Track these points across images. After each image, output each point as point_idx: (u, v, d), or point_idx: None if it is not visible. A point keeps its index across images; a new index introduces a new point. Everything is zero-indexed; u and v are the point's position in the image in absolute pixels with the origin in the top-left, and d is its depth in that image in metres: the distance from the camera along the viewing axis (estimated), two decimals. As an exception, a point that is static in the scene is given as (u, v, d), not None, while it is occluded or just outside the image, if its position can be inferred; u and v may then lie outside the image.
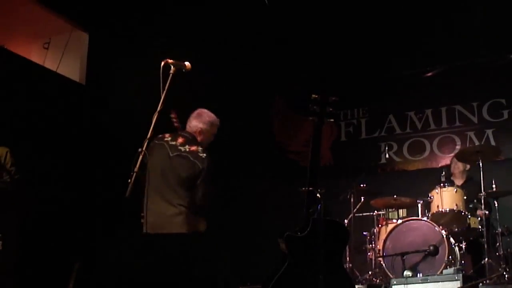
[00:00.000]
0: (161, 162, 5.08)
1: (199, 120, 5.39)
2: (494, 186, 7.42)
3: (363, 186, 8.41)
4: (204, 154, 5.17)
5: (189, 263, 4.03)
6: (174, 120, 5.61)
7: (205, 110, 5.49)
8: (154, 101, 4.95)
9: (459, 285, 6.01)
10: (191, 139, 5.29)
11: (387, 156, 9.74)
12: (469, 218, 7.42)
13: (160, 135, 5.29)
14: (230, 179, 8.64)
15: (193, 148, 5.21)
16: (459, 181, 8.21)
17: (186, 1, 8.71)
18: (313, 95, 5.36)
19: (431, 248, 7.05)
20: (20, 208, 6.44)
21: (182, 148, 5.18)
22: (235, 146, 9.52)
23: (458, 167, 8.25)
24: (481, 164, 7.24)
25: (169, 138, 5.27)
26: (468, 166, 8.22)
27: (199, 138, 5.36)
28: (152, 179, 5.08)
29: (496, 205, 7.38)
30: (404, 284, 6.35)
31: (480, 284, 6.17)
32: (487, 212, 7.34)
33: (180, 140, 5.26)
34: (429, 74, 10.04)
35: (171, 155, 5.11)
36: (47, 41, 8.59)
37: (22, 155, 6.52)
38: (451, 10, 9.08)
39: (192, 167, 5.07)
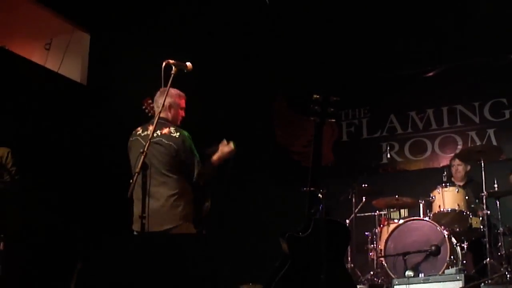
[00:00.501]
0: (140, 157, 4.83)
1: (165, 95, 5.10)
2: (495, 186, 7.43)
3: (365, 186, 8.41)
4: (178, 133, 5.07)
5: (189, 263, 4.03)
6: (148, 108, 5.52)
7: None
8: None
9: (461, 285, 6.01)
10: (161, 123, 5.10)
11: (388, 156, 9.71)
12: (471, 218, 7.42)
13: (133, 131, 5.23)
14: (231, 179, 8.63)
15: (165, 130, 5.09)
16: (459, 183, 8.19)
17: (187, 1, 8.71)
18: (314, 95, 5.36)
19: (433, 248, 7.04)
20: (21, 208, 6.44)
21: (155, 134, 4.98)
22: (236, 146, 9.51)
23: (459, 171, 8.22)
24: (482, 164, 7.24)
25: (140, 131, 5.16)
26: (468, 167, 8.20)
27: (169, 115, 5.22)
28: (139, 178, 4.84)
29: (498, 205, 7.38)
30: (406, 284, 6.34)
31: (482, 284, 6.16)
32: (488, 212, 7.34)
33: (150, 127, 5.02)
34: (430, 74, 10.03)
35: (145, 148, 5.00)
36: (48, 41, 8.60)
37: (23, 155, 6.52)
38: (452, 9, 9.08)
39: (169, 150, 4.99)
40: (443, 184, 7.64)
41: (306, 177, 5.11)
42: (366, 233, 8.27)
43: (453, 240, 7.26)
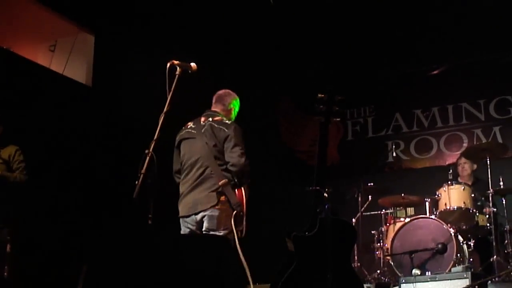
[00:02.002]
0: (191, 149, 5.30)
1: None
2: (501, 183, 7.42)
3: (371, 185, 8.41)
4: (230, 121, 5.37)
5: (198, 264, 4.03)
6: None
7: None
8: (160, 103, 4.97)
9: (467, 283, 5.99)
10: (213, 113, 5.46)
11: (394, 154, 9.70)
12: (477, 216, 7.40)
13: (183, 127, 5.52)
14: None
15: (217, 118, 5.39)
16: (466, 182, 8.17)
17: (192, 2, 8.72)
18: (320, 94, 5.36)
19: (440, 246, 7.03)
20: (28, 208, 6.46)
21: (206, 122, 5.35)
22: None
23: (465, 169, 8.20)
24: (488, 161, 7.23)
25: (191, 124, 5.46)
26: (475, 166, 8.18)
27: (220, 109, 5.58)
28: (189, 167, 5.30)
29: (504, 202, 7.37)
30: (413, 282, 6.33)
31: (489, 281, 6.15)
32: (495, 209, 7.33)
33: (202, 119, 5.42)
34: (436, 72, 10.03)
35: (197, 133, 5.31)
36: (53, 43, 8.60)
37: (29, 156, 6.53)
38: (457, 7, 9.06)
39: (218, 134, 5.25)
40: (449, 182, 7.63)
41: (312, 176, 5.11)
42: (372, 231, 8.26)
43: (460, 238, 7.25)
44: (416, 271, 6.64)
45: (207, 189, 5.20)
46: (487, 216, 7.37)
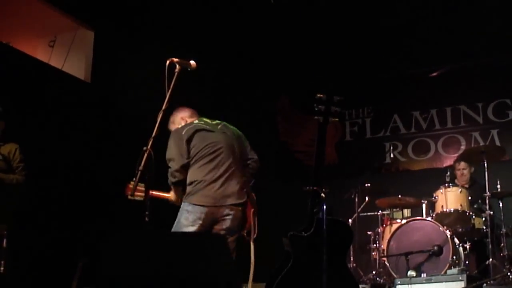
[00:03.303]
0: (211, 138, 5.26)
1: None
2: (498, 186, 7.43)
3: (368, 185, 8.41)
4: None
5: (194, 262, 4.03)
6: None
7: None
8: (159, 100, 4.96)
9: (463, 285, 6.01)
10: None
11: (391, 155, 9.72)
12: (474, 219, 7.42)
13: (186, 124, 5.46)
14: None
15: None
16: (462, 184, 8.17)
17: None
18: (318, 94, 5.35)
19: (435, 248, 7.05)
20: (27, 205, 6.45)
21: (217, 122, 5.46)
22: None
23: (464, 175, 8.20)
24: (485, 164, 7.24)
25: (196, 120, 5.46)
26: (472, 169, 8.19)
27: None
28: (211, 155, 5.25)
29: (501, 205, 7.38)
30: (408, 284, 6.35)
31: (484, 284, 6.16)
32: (491, 212, 7.34)
33: (206, 120, 5.45)
34: (435, 74, 10.03)
35: (212, 128, 5.36)
36: (52, 39, 8.59)
37: (27, 152, 6.53)
38: (456, 9, 9.06)
39: (237, 133, 5.53)
40: (446, 184, 7.64)
41: (309, 176, 5.11)
42: (368, 232, 8.28)
43: (456, 240, 7.26)
44: (411, 273, 6.66)
45: (238, 184, 5.25)
46: (484, 219, 7.39)
